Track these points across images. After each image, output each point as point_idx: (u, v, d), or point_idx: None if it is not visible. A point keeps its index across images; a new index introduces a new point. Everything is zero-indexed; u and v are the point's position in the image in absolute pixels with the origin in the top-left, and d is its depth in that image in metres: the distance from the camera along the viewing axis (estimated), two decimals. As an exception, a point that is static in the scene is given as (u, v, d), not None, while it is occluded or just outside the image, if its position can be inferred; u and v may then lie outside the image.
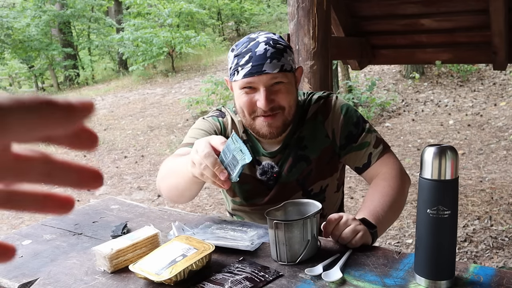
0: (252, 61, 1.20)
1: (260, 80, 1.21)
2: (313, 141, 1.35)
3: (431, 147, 0.88)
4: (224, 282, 0.94)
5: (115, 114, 8.15)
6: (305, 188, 1.37)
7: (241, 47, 1.24)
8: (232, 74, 1.26)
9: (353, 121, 1.34)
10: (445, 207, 0.86)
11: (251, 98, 1.24)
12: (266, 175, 1.35)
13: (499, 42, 3.11)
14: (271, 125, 1.26)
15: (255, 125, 1.29)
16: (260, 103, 1.22)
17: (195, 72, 10.96)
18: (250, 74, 1.20)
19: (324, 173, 1.37)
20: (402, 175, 1.30)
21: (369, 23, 3.52)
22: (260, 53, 1.20)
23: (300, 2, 2.30)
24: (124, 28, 12.43)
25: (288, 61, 1.24)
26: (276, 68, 1.20)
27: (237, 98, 1.28)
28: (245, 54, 1.22)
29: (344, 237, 1.06)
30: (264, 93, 1.21)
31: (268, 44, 1.21)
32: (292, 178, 1.35)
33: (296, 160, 1.35)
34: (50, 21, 13.04)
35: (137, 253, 1.06)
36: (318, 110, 1.36)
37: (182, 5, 11.75)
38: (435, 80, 7.67)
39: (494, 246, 2.84)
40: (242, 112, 1.29)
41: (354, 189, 3.87)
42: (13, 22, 12.38)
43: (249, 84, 1.22)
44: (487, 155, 4.67)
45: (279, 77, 1.22)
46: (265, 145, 1.37)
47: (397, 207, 1.25)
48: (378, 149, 1.33)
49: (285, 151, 1.36)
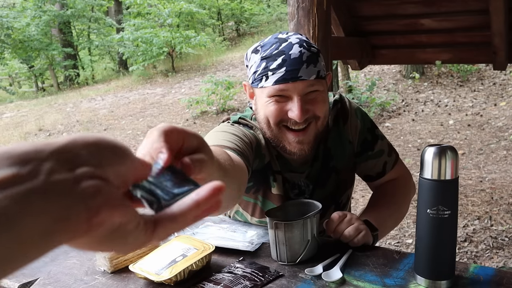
0: (286, 65, 1.04)
1: (295, 87, 1.05)
2: (339, 149, 1.25)
3: (431, 147, 0.88)
4: (224, 282, 0.94)
5: (115, 114, 8.15)
6: (337, 201, 1.28)
7: (270, 48, 1.08)
8: (259, 80, 1.09)
9: (367, 127, 1.27)
10: (445, 207, 0.86)
11: (281, 107, 1.08)
12: (304, 195, 1.23)
13: (499, 42, 3.11)
14: (302, 141, 1.11)
15: (282, 139, 1.12)
16: (294, 114, 1.06)
17: (195, 72, 10.96)
18: (284, 80, 1.05)
19: (350, 181, 1.31)
20: (410, 185, 1.30)
21: (369, 23, 3.51)
22: (295, 56, 1.05)
23: (300, 2, 2.30)
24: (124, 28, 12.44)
25: (323, 66, 1.11)
26: (313, 74, 1.06)
27: (263, 107, 1.10)
28: (277, 57, 1.06)
29: (346, 235, 1.06)
30: (299, 103, 1.05)
31: (302, 46, 1.07)
32: (327, 193, 1.25)
33: (328, 173, 1.24)
34: (50, 21, 13.04)
35: (137, 253, 1.06)
36: (337, 115, 1.25)
37: (182, 5, 11.76)
38: (435, 80, 7.66)
39: (494, 246, 2.84)
40: (267, 122, 1.11)
41: (354, 189, 3.86)
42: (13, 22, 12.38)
43: (281, 92, 1.07)
44: (487, 155, 4.67)
45: (316, 85, 1.07)
46: (294, 162, 1.22)
47: (399, 215, 1.26)
48: (392, 158, 1.28)
49: (314, 165, 1.23)
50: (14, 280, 1.03)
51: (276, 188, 1.21)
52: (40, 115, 8.61)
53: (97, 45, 14.38)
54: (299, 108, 1.05)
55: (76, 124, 7.58)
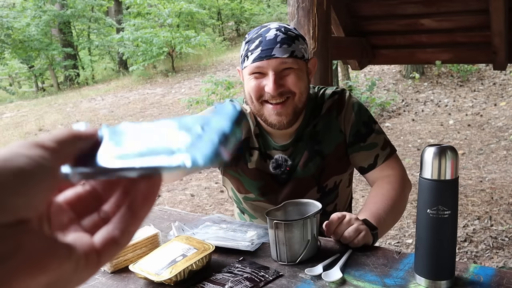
0: (262, 46, 1.18)
1: (269, 64, 1.18)
2: (328, 136, 1.32)
3: (431, 147, 0.88)
4: (224, 282, 0.94)
5: (115, 114, 8.15)
6: (320, 184, 1.34)
7: (252, 34, 1.24)
8: (243, 61, 1.25)
9: (363, 120, 1.32)
10: (445, 207, 0.86)
11: (259, 83, 1.21)
12: (280, 169, 1.32)
13: (499, 42, 3.11)
14: (280, 113, 1.22)
15: (263, 112, 1.24)
16: (268, 88, 1.19)
17: (195, 72, 10.96)
18: (259, 58, 1.18)
19: (339, 169, 1.36)
20: (405, 180, 1.30)
21: (369, 23, 3.52)
22: (270, 37, 1.18)
23: (300, 2, 2.30)
24: (124, 28, 12.44)
25: (300, 48, 1.21)
26: (286, 53, 1.18)
27: (246, 85, 1.25)
28: (255, 40, 1.20)
29: (346, 236, 1.06)
30: (272, 77, 1.18)
31: (279, 30, 1.20)
32: (308, 173, 1.32)
33: (311, 155, 1.32)
34: (50, 21, 13.04)
35: (137, 253, 1.06)
36: (332, 105, 1.33)
37: (182, 5, 11.76)
38: (435, 80, 7.67)
39: (494, 246, 2.84)
40: (250, 98, 1.25)
41: (354, 189, 3.87)
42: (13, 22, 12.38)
43: (258, 69, 1.20)
44: (487, 155, 4.67)
45: (289, 63, 1.19)
46: (276, 138, 1.34)
47: (398, 212, 1.26)
48: (385, 152, 1.31)
49: (297, 144, 1.33)
50: (14, 280, 1.03)
51: (252, 163, 1.34)
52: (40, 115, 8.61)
53: (97, 45, 14.38)
54: (273, 82, 1.18)
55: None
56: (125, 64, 13.93)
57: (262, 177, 1.34)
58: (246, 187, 1.37)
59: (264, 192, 1.36)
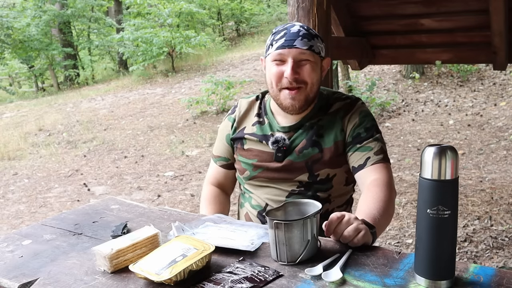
0: (286, 37, 1.35)
1: (290, 52, 1.34)
2: (329, 132, 1.42)
3: (431, 147, 0.88)
4: (224, 282, 0.94)
5: (115, 114, 8.15)
6: (312, 172, 1.42)
7: (279, 27, 1.41)
8: (267, 50, 1.41)
9: (366, 126, 1.41)
10: (445, 207, 0.86)
11: (280, 70, 1.36)
12: (278, 144, 1.43)
13: (499, 42, 3.11)
14: (295, 98, 1.37)
15: (280, 96, 1.39)
16: (286, 73, 1.34)
17: (195, 72, 10.96)
18: (282, 46, 1.35)
19: (333, 163, 1.42)
20: (391, 186, 1.34)
21: (369, 23, 3.52)
22: (294, 31, 1.36)
23: (300, 2, 2.30)
24: (124, 28, 12.43)
25: (318, 45, 1.38)
26: (306, 45, 1.34)
27: (268, 71, 1.41)
28: (281, 31, 1.37)
29: (346, 235, 1.06)
30: (291, 64, 1.34)
31: (302, 27, 1.38)
32: (302, 159, 1.42)
33: (309, 144, 1.42)
34: (50, 21, 13.03)
35: (137, 253, 1.06)
36: (342, 107, 1.45)
37: (182, 5, 11.75)
38: (435, 80, 7.67)
39: (494, 246, 2.84)
40: (270, 83, 1.40)
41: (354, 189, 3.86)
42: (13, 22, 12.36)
43: (280, 56, 1.35)
44: (487, 155, 4.67)
45: (307, 54, 1.35)
46: (280, 120, 1.47)
47: (389, 214, 1.28)
48: (377, 157, 1.37)
49: (298, 130, 1.44)
50: (14, 280, 1.03)
51: (247, 145, 1.50)
52: (40, 115, 8.61)
53: (97, 45, 14.36)
54: (291, 68, 1.34)
55: (76, 124, 7.58)
56: (125, 64, 13.92)
57: (258, 154, 1.47)
58: (243, 166, 1.50)
59: (258, 166, 1.46)
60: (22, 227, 2.70)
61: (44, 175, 5.31)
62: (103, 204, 1.52)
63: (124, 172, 5.17)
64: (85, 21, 14.07)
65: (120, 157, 5.77)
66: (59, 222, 1.37)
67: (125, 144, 6.34)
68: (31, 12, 12.76)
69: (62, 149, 6.42)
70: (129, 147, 6.18)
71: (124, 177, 5.00)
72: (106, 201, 1.55)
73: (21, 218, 3.99)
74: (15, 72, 14.93)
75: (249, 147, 1.49)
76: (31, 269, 1.08)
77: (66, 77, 13.60)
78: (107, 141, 6.55)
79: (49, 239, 1.25)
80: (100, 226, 1.32)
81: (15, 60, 14.35)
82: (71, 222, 1.37)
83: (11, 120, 8.77)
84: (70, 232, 1.30)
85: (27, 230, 1.34)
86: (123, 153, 5.95)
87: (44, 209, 4.20)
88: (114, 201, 1.55)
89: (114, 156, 5.85)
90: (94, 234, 1.27)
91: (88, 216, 1.42)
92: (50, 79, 14.50)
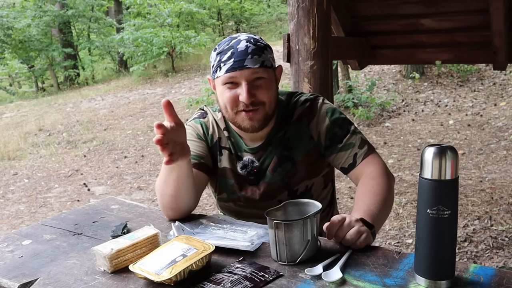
0: (234, 57, 1.25)
1: (242, 74, 1.25)
2: (298, 142, 1.38)
3: (431, 147, 0.88)
4: (224, 282, 0.94)
5: (115, 114, 8.15)
6: (291, 188, 1.39)
7: (223, 45, 1.29)
8: (215, 71, 1.30)
9: (338, 123, 1.37)
10: (445, 207, 0.86)
11: (234, 94, 1.28)
12: (246, 169, 1.39)
13: (499, 42, 3.11)
14: (253, 118, 1.30)
15: (237, 119, 1.32)
16: (242, 97, 1.26)
17: (195, 72, 10.96)
18: (233, 69, 1.25)
19: (310, 173, 1.40)
20: (387, 173, 1.32)
21: (369, 23, 3.51)
22: (241, 49, 1.25)
23: (300, 2, 2.30)
24: (124, 28, 12.43)
25: (268, 58, 1.30)
26: (257, 63, 1.25)
27: (220, 94, 1.32)
28: (227, 51, 1.26)
29: (348, 238, 1.06)
30: (246, 87, 1.25)
31: (249, 42, 1.27)
32: (277, 178, 1.38)
33: (281, 160, 1.37)
34: (50, 21, 13.03)
35: (137, 253, 1.06)
36: (303, 112, 1.39)
37: (182, 5, 11.75)
38: (435, 80, 7.67)
39: (494, 246, 2.84)
40: (225, 108, 1.32)
41: (354, 189, 3.87)
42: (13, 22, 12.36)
43: (231, 79, 1.26)
44: (487, 155, 4.67)
45: (260, 72, 1.27)
46: (247, 142, 1.41)
47: (388, 204, 1.27)
48: (363, 150, 1.35)
49: (267, 148, 1.39)
50: (14, 280, 1.03)
51: (222, 162, 1.42)
52: (40, 115, 8.61)
53: (97, 45, 14.37)
54: (246, 91, 1.25)
55: (76, 124, 7.58)
56: (125, 64, 13.92)
57: (231, 176, 1.41)
58: (220, 187, 1.44)
59: (234, 191, 1.42)
60: (22, 227, 2.70)
61: (44, 175, 5.31)
62: (103, 204, 1.52)
63: (124, 172, 5.17)
64: (85, 21, 14.08)
65: (120, 157, 5.77)
66: (59, 222, 1.37)
67: (125, 144, 6.34)
68: (31, 12, 12.76)
69: (62, 149, 6.43)
70: (129, 147, 6.18)
71: (124, 177, 5.01)
72: (106, 201, 1.55)
73: (21, 218, 3.99)
74: (15, 72, 14.93)
75: (224, 166, 1.41)
76: (31, 269, 1.08)
77: (66, 77, 13.61)
78: (107, 141, 6.55)
79: (49, 239, 1.25)
80: (100, 226, 1.32)
81: (15, 60, 14.35)
82: (71, 222, 1.37)
83: (11, 120, 8.78)
84: (70, 232, 1.30)
85: (27, 230, 1.34)
86: (123, 153, 5.95)
87: (44, 209, 4.20)
88: (114, 201, 1.55)
89: (114, 156, 5.85)
90: (94, 234, 1.27)
91: (88, 216, 1.42)
92: (50, 79, 14.50)
